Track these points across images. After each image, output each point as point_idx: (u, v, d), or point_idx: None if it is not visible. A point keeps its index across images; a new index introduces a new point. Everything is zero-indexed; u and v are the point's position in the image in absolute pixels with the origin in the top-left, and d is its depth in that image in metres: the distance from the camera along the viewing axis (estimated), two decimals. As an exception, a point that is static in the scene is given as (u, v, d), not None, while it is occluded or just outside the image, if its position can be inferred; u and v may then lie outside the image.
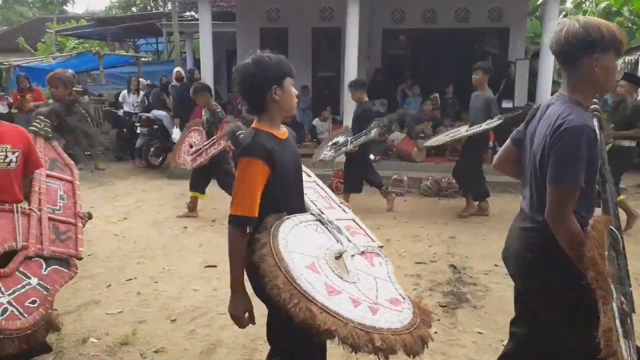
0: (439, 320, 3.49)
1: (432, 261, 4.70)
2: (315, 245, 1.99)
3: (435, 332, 3.32)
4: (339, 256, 2.01)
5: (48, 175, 2.77)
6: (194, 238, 5.30)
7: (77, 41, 19.88)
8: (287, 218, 2.01)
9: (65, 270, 2.42)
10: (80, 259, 2.54)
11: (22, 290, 2.23)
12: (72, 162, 3.01)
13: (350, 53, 8.64)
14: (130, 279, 4.17)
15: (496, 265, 4.57)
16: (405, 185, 7.53)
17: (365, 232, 2.30)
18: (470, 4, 10.79)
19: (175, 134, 8.76)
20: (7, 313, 2.12)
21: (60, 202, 2.70)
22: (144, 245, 5.07)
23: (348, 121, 8.86)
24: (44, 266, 2.37)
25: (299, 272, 1.77)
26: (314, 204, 2.30)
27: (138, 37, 19.14)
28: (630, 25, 17.99)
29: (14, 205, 2.49)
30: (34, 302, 2.21)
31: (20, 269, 2.30)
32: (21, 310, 2.15)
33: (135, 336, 3.22)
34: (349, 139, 6.32)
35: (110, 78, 14.99)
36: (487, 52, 11.06)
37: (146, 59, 18.38)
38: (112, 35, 17.24)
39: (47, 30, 20.02)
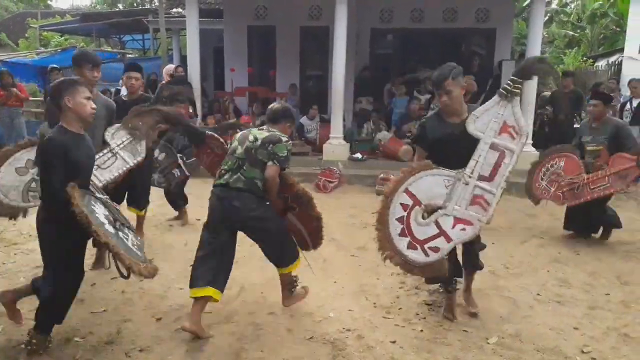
0: (424, 318, 3.51)
1: (419, 260, 4.72)
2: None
3: (421, 331, 3.34)
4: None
5: None
6: (180, 237, 5.26)
7: (62, 37, 19.62)
8: None
9: None
10: None
11: None
12: None
13: (338, 52, 8.64)
14: (115, 277, 4.09)
15: (481, 264, 4.62)
16: (392, 184, 7.56)
17: None
18: (458, 4, 10.86)
19: None
20: None
21: None
22: (129, 243, 5.02)
23: (336, 119, 8.88)
24: None
25: None
26: None
27: (124, 34, 18.95)
28: (614, 27, 18.26)
29: None
30: None
31: None
32: None
33: (119, 335, 3.19)
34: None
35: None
36: (474, 52, 11.14)
37: (132, 56, 18.20)
38: (97, 31, 17.05)
39: (31, 25, 19.71)
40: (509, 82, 3.06)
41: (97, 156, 3.56)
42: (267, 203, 3.30)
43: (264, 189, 3.23)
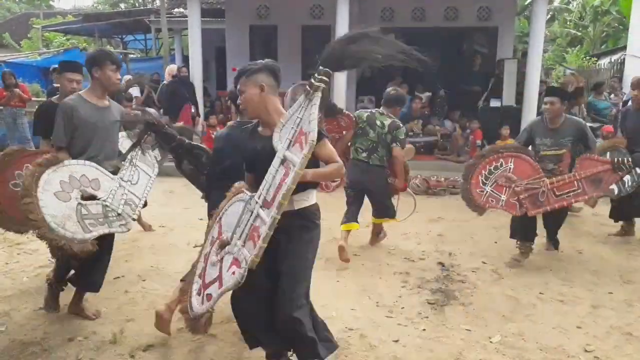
0: (427, 317, 3.51)
1: (421, 259, 4.73)
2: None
3: (424, 330, 3.34)
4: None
5: None
6: (182, 236, 5.27)
7: (64, 38, 19.67)
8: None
9: None
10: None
11: None
12: None
13: (340, 51, 8.62)
14: (118, 277, 4.14)
15: (484, 263, 4.62)
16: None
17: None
18: (459, 3, 10.85)
19: None
20: None
21: None
22: (131, 243, 5.04)
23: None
24: None
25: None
26: None
27: (126, 34, 18.98)
28: (617, 24, 18.22)
29: None
30: None
31: None
32: None
33: (123, 334, 3.19)
34: None
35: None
36: (476, 51, 11.13)
37: (134, 56, 18.23)
38: (99, 31, 17.08)
39: (33, 26, 19.77)
40: (315, 74, 2.32)
41: (122, 171, 3.34)
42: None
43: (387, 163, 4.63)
